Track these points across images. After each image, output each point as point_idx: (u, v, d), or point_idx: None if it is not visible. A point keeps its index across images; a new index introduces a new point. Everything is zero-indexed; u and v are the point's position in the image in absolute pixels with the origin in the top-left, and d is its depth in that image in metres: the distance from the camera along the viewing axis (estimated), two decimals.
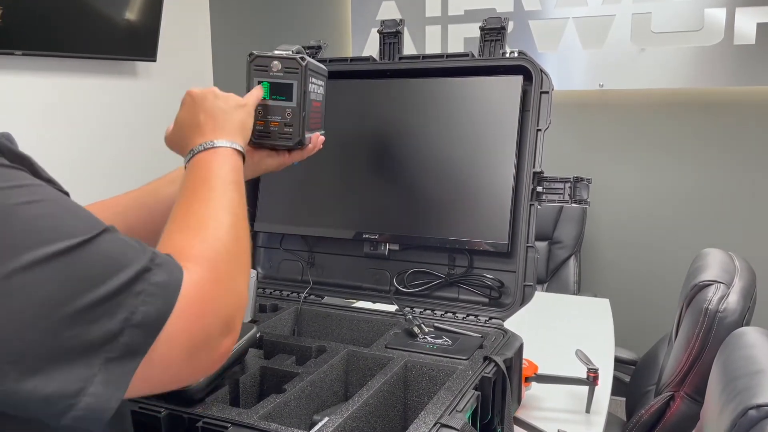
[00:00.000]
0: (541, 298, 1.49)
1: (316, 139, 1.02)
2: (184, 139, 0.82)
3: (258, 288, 1.37)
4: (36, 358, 0.47)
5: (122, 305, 0.52)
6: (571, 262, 2.78)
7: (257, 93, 0.92)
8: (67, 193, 0.59)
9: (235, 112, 0.84)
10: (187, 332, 0.56)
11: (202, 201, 0.70)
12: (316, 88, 1.02)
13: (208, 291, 0.59)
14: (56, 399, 0.48)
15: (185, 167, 0.78)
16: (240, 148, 0.80)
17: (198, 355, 0.58)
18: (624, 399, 1.96)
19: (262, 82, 0.95)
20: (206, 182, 0.73)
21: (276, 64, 0.94)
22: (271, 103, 0.94)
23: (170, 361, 0.56)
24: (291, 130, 0.94)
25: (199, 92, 0.84)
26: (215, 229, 0.66)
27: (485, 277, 1.26)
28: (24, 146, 0.64)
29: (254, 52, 0.95)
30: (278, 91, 0.94)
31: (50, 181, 0.58)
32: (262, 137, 0.96)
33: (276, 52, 0.96)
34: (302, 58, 0.94)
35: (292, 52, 0.96)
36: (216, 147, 0.77)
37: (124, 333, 0.52)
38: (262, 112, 0.94)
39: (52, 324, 0.48)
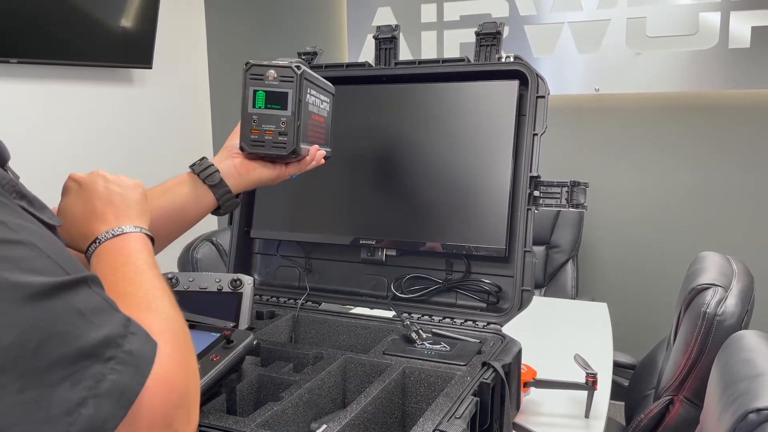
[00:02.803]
0: (538, 302, 1.49)
1: (315, 152, 1.01)
2: (79, 229, 0.74)
3: (254, 295, 1.37)
4: None
5: (88, 371, 0.46)
6: (569, 266, 2.78)
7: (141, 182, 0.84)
8: (55, 225, 0.56)
9: (132, 193, 0.78)
10: (149, 414, 0.50)
11: (134, 284, 0.63)
12: (318, 101, 1.02)
13: (175, 370, 0.54)
14: None
15: (88, 258, 0.71)
16: (149, 233, 0.74)
17: None
18: (623, 403, 1.96)
19: (257, 90, 0.94)
20: (129, 265, 0.67)
21: (271, 73, 0.94)
22: (266, 112, 0.94)
23: None
24: (285, 139, 0.94)
25: (86, 177, 0.78)
26: (163, 308, 0.61)
27: (483, 282, 1.26)
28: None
29: (250, 61, 0.95)
30: (273, 99, 0.94)
31: (34, 202, 0.54)
32: (256, 146, 0.95)
33: (273, 61, 0.96)
34: (297, 67, 0.94)
35: (291, 62, 0.96)
36: (126, 233, 0.71)
37: (87, 403, 0.45)
38: (257, 120, 0.94)
39: (4, 384, 0.42)
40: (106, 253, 0.70)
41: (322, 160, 1.05)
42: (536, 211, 1.21)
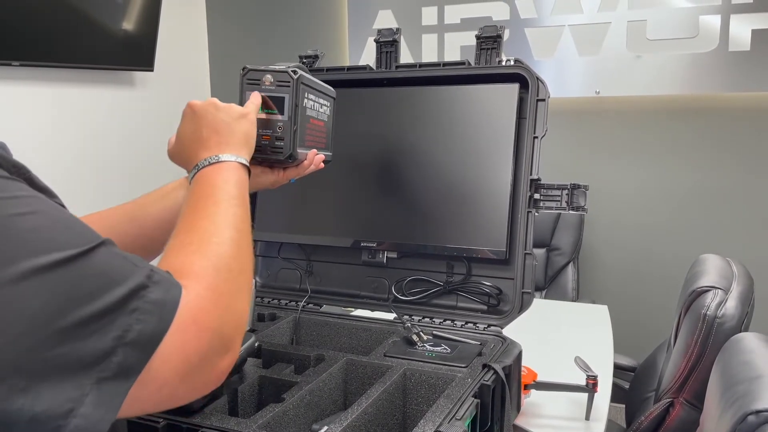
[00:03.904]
0: (539, 305, 1.49)
1: (313, 156, 1.01)
2: (188, 153, 0.81)
3: (256, 297, 1.37)
4: (24, 375, 0.46)
5: (115, 323, 0.50)
6: (569, 268, 2.78)
7: (256, 101, 0.91)
8: (63, 206, 0.59)
9: (238, 124, 0.83)
10: (183, 351, 0.54)
11: (205, 217, 0.68)
12: (317, 106, 1.02)
13: (206, 309, 0.57)
14: (44, 419, 0.46)
15: (189, 181, 0.77)
16: (245, 162, 0.79)
17: (194, 375, 0.56)
18: (623, 406, 1.96)
19: None
20: (210, 197, 0.71)
21: (268, 78, 0.94)
22: (263, 116, 0.94)
23: (164, 381, 0.53)
24: (282, 144, 0.94)
25: (200, 105, 0.84)
26: (217, 245, 0.64)
27: (483, 284, 1.26)
28: (21, 156, 0.64)
29: (247, 66, 0.95)
30: (270, 104, 0.94)
31: (46, 191, 0.58)
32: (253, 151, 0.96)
33: (271, 66, 0.96)
34: (294, 72, 0.94)
35: (288, 67, 0.96)
36: (221, 161, 0.77)
37: (116, 352, 0.49)
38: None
39: (41, 340, 0.46)
40: (200, 180, 0.75)
41: (322, 165, 1.05)
42: (536, 214, 1.21)
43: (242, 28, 3.45)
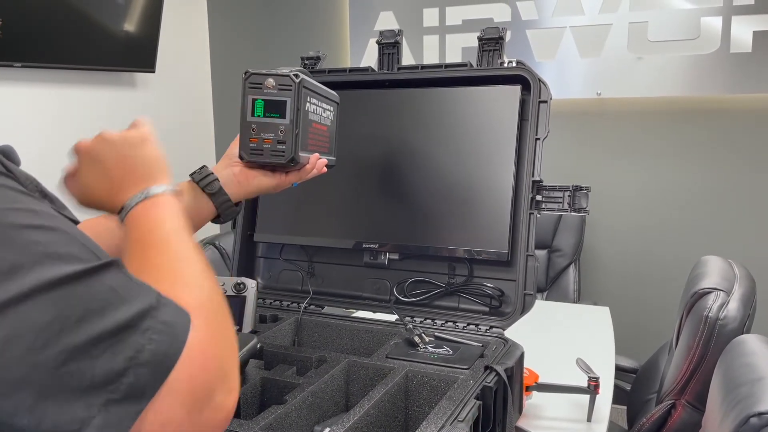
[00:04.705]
0: (541, 306, 1.49)
1: (315, 160, 1.01)
2: (105, 199, 0.74)
3: (258, 298, 1.37)
4: (31, 392, 0.44)
5: (127, 342, 0.48)
6: (571, 270, 2.78)
7: (147, 121, 0.82)
8: (74, 220, 0.57)
9: (142, 152, 0.76)
10: (190, 383, 0.51)
11: (162, 254, 0.63)
12: (320, 110, 1.02)
13: (210, 340, 0.55)
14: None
15: (121, 221, 0.70)
16: (171, 188, 0.72)
17: (200, 413, 0.53)
18: (625, 407, 1.96)
19: (256, 99, 0.94)
20: (155, 233, 0.66)
21: (270, 81, 0.94)
22: (264, 120, 0.94)
23: (170, 416, 0.50)
24: (284, 147, 0.94)
25: (93, 147, 0.76)
26: (195, 278, 0.61)
27: (485, 286, 1.26)
28: (23, 158, 0.64)
29: (249, 69, 0.95)
30: (272, 108, 0.94)
31: (55, 202, 0.57)
32: (254, 155, 0.95)
33: (273, 70, 0.96)
34: (296, 75, 0.94)
35: (290, 71, 0.96)
36: (151, 196, 0.70)
37: (128, 372, 0.47)
38: (255, 129, 0.94)
39: (49, 357, 0.45)
40: (139, 220, 0.69)
41: (324, 169, 1.05)
42: (538, 215, 1.21)
43: (243, 30, 3.45)
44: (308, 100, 0.97)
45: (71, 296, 0.47)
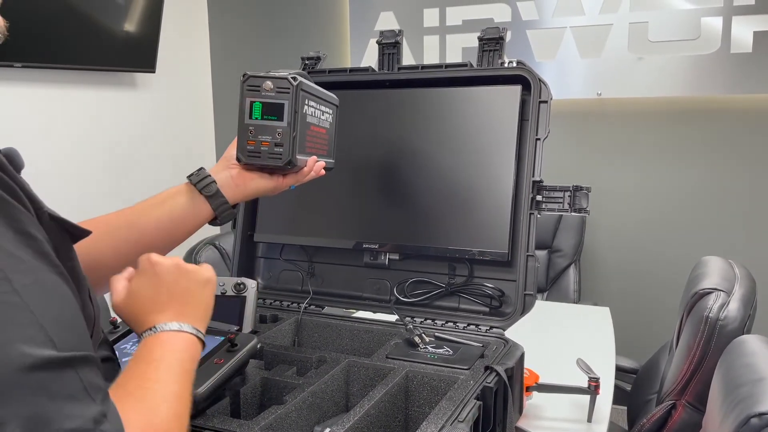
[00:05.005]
0: (541, 306, 1.49)
1: (313, 163, 1.01)
2: (141, 312, 0.74)
3: (258, 298, 1.37)
4: None
5: None
6: (571, 270, 2.78)
7: (212, 273, 0.82)
8: (81, 233, 0.56)
9: (201, 293, 0.77)
10: None
11: (157, 382, 0.63)
12: (318, 113, 1.02)
13: None
14: None
15: (140, 338, 0.71)
16: (202, 337, 0.74)
17: None
18: (625, 408, 1.96)
19: (254, 102, 0.94)
20: (163, 363, 0.66)
21: (268, 84, 0.94)
22: (262, 123, 0.94)
23: None
24: (281, 150, 0.94)
25: (164, 265, 0.76)
26: (164, 414, 0.60)
27: (486, 286, 1.26)
28: (23, 158, 0.64)
29: (247, 72, 0.96)
30: (270, 111, 0.94)
31: (59, 221, 0.55)
32: (252, 157, 0.95)
33: (271, 72, 0.96)
34: (294, 78, 0.94)
35: (289, 73, 0.95)
36: (182, 331, 0.71)
37: None
38: (253, 131, 0.94)
39: None
40: (153, 344, 0.69)
41: (322, 171, 1.05)
42: (539, 216, 1.21)
43: (244, 30, 3.45)
44: (306, 102, 0.97)
45: (5, 389, 0.44)
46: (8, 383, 0.43)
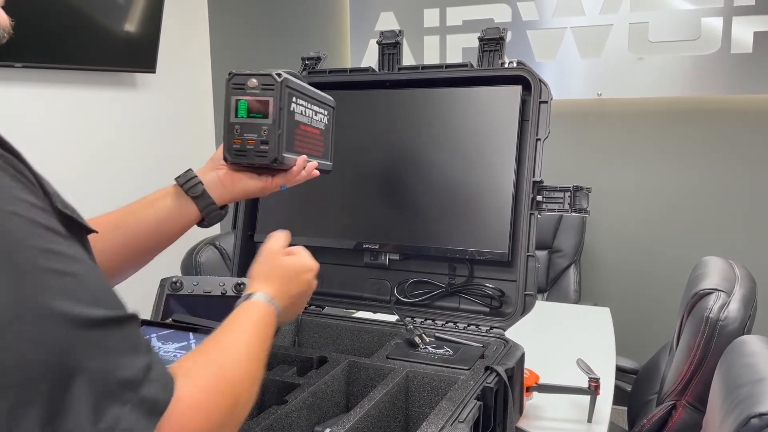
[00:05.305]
0: (541, 307, 1.49)
1: (303, 162, 1.00)
2: (264, 273, 0.86)
3: None
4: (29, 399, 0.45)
5: (109, 411, 0.49)
6: (571, 270, 2.78)
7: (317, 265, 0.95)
8: (88, 230, 0.58)
9: (298, 278, 0.89)
10: None
11: (236, 342, 0.69)
12: (309, 112, 1.01)
13: (195, 420, 0.57)
14: None
15: (239, 301, 0.79)
16: (280, 309, 0.82)
17: None
18: (626, 408, 1.96)
19: (239, 100, 0.93)
20: (252, 328, 0.73)
21: (253, 81, 0.93)
22: (248, 121, 0.93)
23: None
24: (267, 147, 0.93)
25: (284, 247, 0.92)
26: (232, 368, 0.65)
27: (486, 286, 1.26)
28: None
29: (233, 71, 0.95)
30: (255, 108, 0.93)
31: (76, 215, 0.57)
32: (239, 156, 0.94)
33: (256, 71, 0.94)
34: (278, 75, 0.93)
35: (274, 71, 0.94)
36: (270, 304, 0.79)
37: None
38: (239, 130, 0.93)
39: (34, 399, 0.46)
40: (247, 308, 0.77)
41: (316, 172, 1.03)
42: (539, 216, 1.21)
43: (244, 30, 3.45)
44: (294, 100, 0.96)
45: (68, 346, 0.48)
46: (70, 342, 0.48)
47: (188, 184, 0.94)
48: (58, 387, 0.47)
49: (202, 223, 0.96)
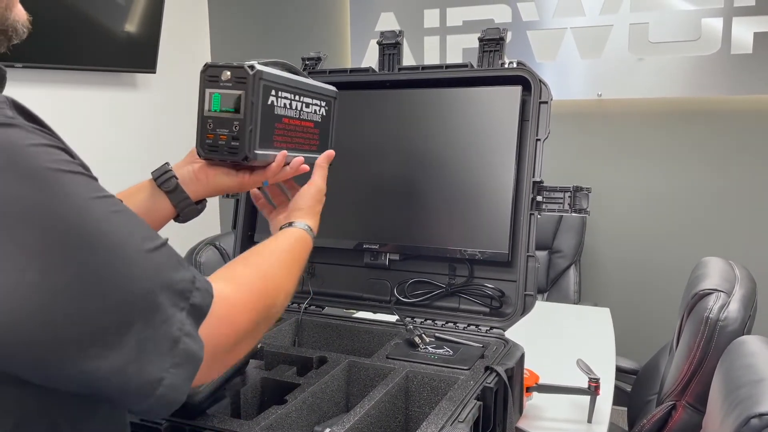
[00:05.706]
0: (541, 307, 1.49)
1: (283, 158, 0.95)
2: (294, 208, 0.98)
3: None
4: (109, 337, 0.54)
5: (176, 317, 0.58)
6: (571, 271, 2.78)
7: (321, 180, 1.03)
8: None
9: (318, 205, 0.99)
10: (217, 341, 0.64)
11: (277, 260, 0.82)
12: (298, 105, 0.98)
13: (235, 313, 0.67)
14: (140, 386, 0.56)
15: (283, 226, 0.94)
16: (313, 236, 0.96)
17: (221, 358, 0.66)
18: (626, 409, 1.96)
19: (213, 93, 0.90)
20: (291, 249, 0.87)
21: (226, 74, 0.89)
22: (221, 115, 0.90)
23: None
24: (238, 144, 0.89)
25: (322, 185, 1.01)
26: (272, 276, 0.77)
27: (486, 286, 1.26)
28: None
29: (208, 63, 0.91)
30: (228, 102, 0.89)
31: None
32: (211, 152, 0.91)
33: (232, 62, 0.90)
34: (251, 67, 0.88)
35: (249, 63, 0.90)
36: (303, 228, 0.94)
37: (181, 340, 0.58)
38: (212, 124, 0.90)
39: (132, 320, 0.55)
40: (291, 233, 0.91)
41: (305, 167, 0.99)
42: (539, 216, 1.21)
43: (244, 30, 3.45)
44: (273, 93, 0.92)
45: (146, 270, 0.57)
46: (140, 263, 0.57)
47: (162, 178, 0.92)
48: (153, 308, 0.57)
49: (178, 218, 0.94)
